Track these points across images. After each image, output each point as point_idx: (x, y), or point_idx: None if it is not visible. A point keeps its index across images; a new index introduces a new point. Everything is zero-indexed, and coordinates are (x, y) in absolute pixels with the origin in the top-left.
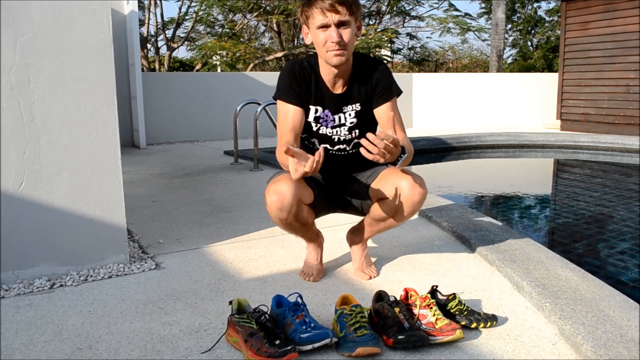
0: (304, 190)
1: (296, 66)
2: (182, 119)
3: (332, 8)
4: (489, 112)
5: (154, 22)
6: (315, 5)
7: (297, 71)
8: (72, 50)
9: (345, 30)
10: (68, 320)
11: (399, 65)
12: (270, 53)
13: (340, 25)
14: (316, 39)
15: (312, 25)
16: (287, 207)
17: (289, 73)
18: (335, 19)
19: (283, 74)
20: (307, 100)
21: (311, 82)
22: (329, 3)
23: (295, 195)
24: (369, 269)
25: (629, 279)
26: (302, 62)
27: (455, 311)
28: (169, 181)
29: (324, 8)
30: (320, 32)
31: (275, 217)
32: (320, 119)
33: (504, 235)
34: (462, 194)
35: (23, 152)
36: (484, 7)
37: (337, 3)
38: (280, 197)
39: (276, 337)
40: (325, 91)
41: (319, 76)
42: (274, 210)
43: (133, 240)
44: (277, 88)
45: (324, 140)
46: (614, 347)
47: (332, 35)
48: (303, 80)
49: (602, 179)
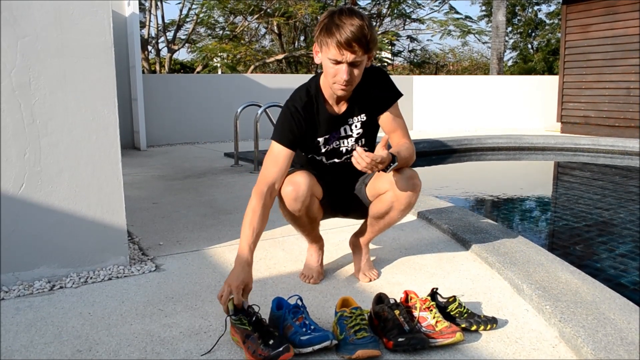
0: (316, 185)
1: (298, 107)
2: (182, 120)
3: (349, 47)
4: (490, 115)
5: (154, 24)
6: (333, 37)
7: (300, 113)
8: (73, 52)
9: (357, 69)
10: (68, 322)
11: (400, 67)
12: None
13: (353, 64)
14: (326, 67)
15: (324, 52)
16: (302, 197)
17: (291, 117)
18: (350, 58)
19: (283, 115)
20: (315, 133)
21: (315, 114)
22: (347, 41)
23: (309, 187)
24: (370, 272)
25: (629, 281)
26: (302, 97)
27: (455, 314)
28: (170, 183)
29: (341, 45)
30: (332, 64)
31: (290, 208)
32: (329, 141)
33: (504, 237)
34: (463, 196)
35: (24, 154)
36: (484, 10)
37: (355, 42)
38: (296, 187)
39: (270, 337)
40: (329, 115)
41: (321, 102)
42: (289, 200)
43: (133, 242)
44: (275, 128)
45: (331, 154)
46: (614, 350)
47: (342, 73)
48: (307, 119)
49: (603, 182)
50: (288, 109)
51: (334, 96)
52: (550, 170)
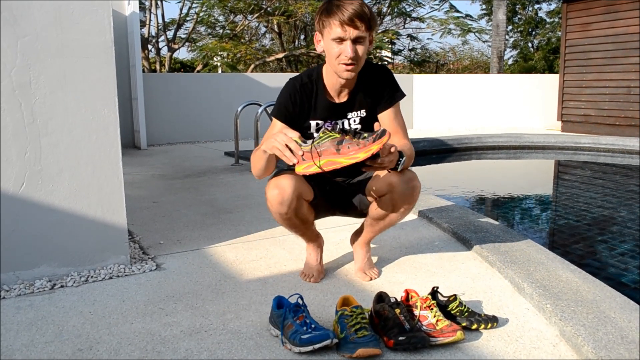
0: (304, 186)
1: (297, 85)
2: (182, 120)
3: (352, 23)
4: (490, 114)
5: (154, 23)
6: (335, 16)
7: (297, 90)
8: (73, 51)
9: (360, 46)
10: (69, 321)
11: (400, 66)
12: (271, 54)
13: (357, 40)
14: (329, 50)
15: (327, 34)
16: (287, 201)
17: (288, 93)
18: (353, 34)
19: (283, 92)
20: (308, 116)
21: (312, 97)
22: (349, 17)
23: (295, 189)
24: (370, 271)
25: (629, 280)
26: (302, 78)
27: (456, 312)
28: (170, 182)
29: (343, 21)
30: (335, 45)
31: (276, 212)
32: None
33: (505, 236)
34: (463, 195)
35: (24, 153)
36: (484, 9)
37: (357, 18)
38: (281, 190)
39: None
40: (328, 102)
41: (321, 89)
42: (275, 204)
43: (134, 241)
44: (275, 104)
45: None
46: (614, 349)
47: (347, 50)
48: (303, 98)
49: (603, 181)
50: (287, 85)
51: (337, 86)
52: (551, 169)
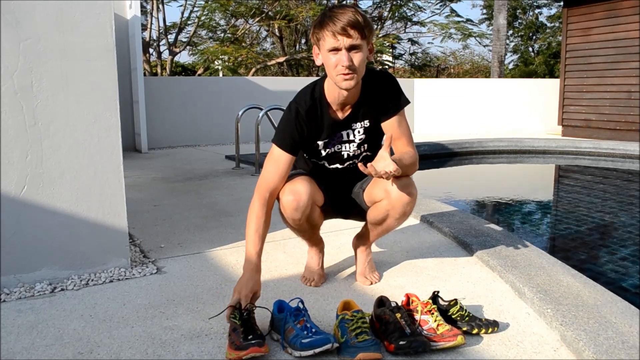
0: (317, 192)
1: (301, 111)
2: (183, 123)
3: (344, 32)
4: (491, 118)
5: (156, 27)
6: (327, 27)
7: (304, 118)
8: (75, 55)
9: (357, 54)
10: (69, 324)
11: (401, 70)
12: (272, 58)
13: (352, 49)
14: (327, 62)
15: (323, 47)
16: (303, 207)
17: (294, 123)
18: (347, 42)
19: (286, 118)
20: (317, 137)
21: (318, 119)
22: (341, 26)
23: (310, 196)
24: (371, 275)
25: (630, 285)
26: (306, 101)
27: (456, 317)
28: (171, 185)
29: (336, 31)
30: (331, 55)
31: (289, 218)
32: (329, 144)
33: (506, 240)
34: (464, 199)
35: (25, 156)
36: (485, 13)
37: (349, 27)
38: (297, 197)
39: (252, 333)
40: (333, 119)
41: (325, 107)
42: (289, 210)
43: (134, 245)
44: (277, 130)
45: (333, 159)
46: (615, 354)
47: (342, 59)
48: (311, 124)
49: (604, 185)
50: (291, 112)
51: (339, 100)
52: (551, 173)
